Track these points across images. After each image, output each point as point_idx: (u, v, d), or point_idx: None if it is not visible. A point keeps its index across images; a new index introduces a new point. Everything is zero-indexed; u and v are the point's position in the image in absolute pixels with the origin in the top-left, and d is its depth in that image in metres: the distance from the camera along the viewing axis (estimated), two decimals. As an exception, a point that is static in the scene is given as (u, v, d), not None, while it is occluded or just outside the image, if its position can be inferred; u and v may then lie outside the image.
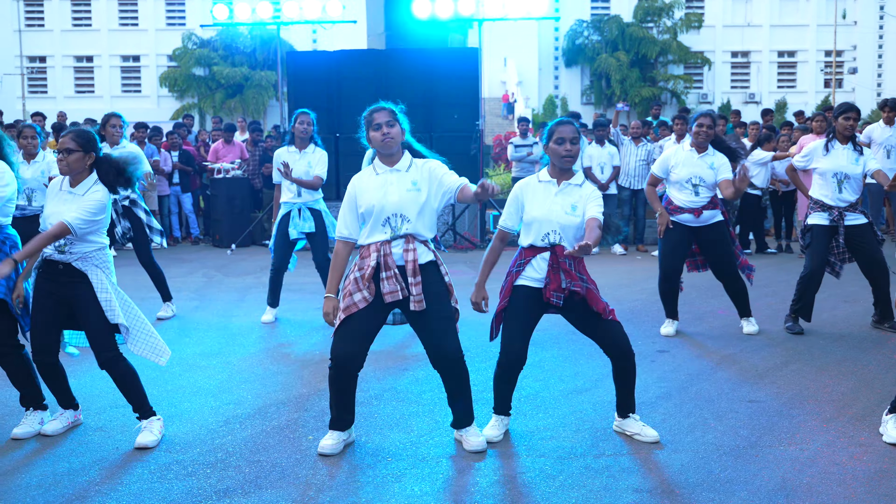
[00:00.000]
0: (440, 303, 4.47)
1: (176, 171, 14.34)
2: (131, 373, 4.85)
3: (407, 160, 4.57)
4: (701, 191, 7.00)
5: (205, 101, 33.35)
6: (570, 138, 4.59)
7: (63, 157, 4.72)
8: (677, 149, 7.19)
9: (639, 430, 4.77)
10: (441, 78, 13.73)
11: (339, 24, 22.33)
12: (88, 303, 4.73)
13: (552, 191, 4.65)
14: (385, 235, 4.45)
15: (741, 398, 5.49)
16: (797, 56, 36.41)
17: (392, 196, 4.45)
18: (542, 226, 4.61)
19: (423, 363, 6.33)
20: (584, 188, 4.67)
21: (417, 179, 4.51)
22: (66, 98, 34.51)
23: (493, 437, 4.74)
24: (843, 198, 7.11)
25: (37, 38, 35.59)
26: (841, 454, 4.53)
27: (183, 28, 34.87)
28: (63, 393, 4.98)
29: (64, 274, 4.74)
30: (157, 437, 4.74)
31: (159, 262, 8.13)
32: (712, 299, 8.72)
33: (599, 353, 6.66)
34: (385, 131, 4.46)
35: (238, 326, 7.79)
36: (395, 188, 4.47)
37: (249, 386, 5.87)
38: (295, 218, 7.72)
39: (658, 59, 34.19)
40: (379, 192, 4.46)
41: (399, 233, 4.44)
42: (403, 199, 4.45)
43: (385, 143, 4.47)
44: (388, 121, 4.48)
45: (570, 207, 4.60)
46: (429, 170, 4.56)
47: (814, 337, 7.17)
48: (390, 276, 4.40)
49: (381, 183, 4.49)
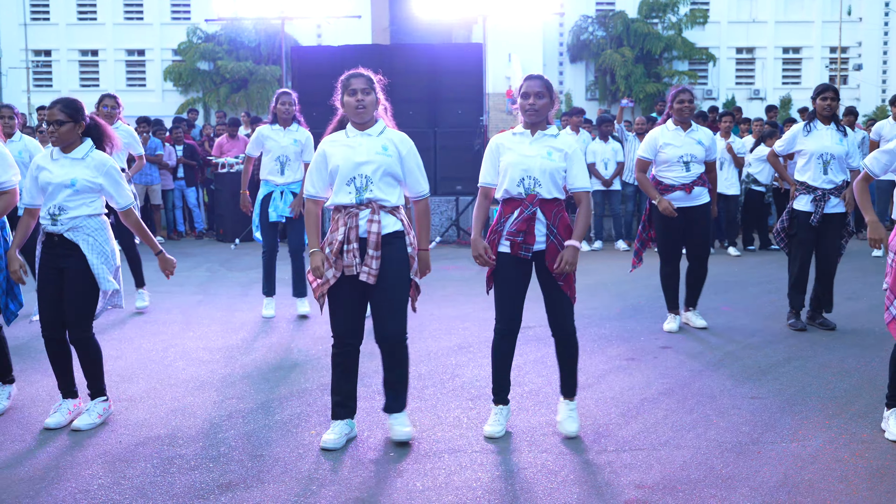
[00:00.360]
0: (395, 280, 4.49)
1: (180, 165, 14.36)
2: (99, 353, 4.99)
3: (379, 126, 4.59)
4: (692, 167, 7.07)
5: (209, 96, 33.34)
6: (535, 93, 4.60)
7: (54, 128, 4.78)
8: (661, 129, 7.20)
9: (563, 418, 4.77)
10: (445, 73, 13.71)
11: (344, 19, 22.40)
12: (77, 276, 4.81)
13: (527, 140, 4.66)
14: (350, 197, 4.46)
15: (743, 395, 5.49)
16: (802, 52, 36.32)
17: (359, 156, 4.47)
18: (517, 170, 4.60)
19: (425, 359, 6.35)
20: (560, 138, 4.69)
21: (388, 146, 4.53)
22: (71, 92, 34.47)
23: (494, 432, 4.71)
24: (829, 179, 7.09)
25: (42, 32, 35.61)
26: (843, 451, 4.53)
27: (188, 22, 34.86)
28: (64, 376, 5.01)
29: (59, 245, 4.83)
30: (95, 420, 4.90)
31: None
32: (714, 296, 8.71)
33: (602, 349, 6.68)
34: (360, 98, 4.48)
35: (241, 321, 7.80)
36: (363, 149, 4.49)
37: (252, 380, 5.88)
38: (276, 199, 7.73)
39: (663, 55, 34.10)
40: (346, 152, 4.49)
41: (363, 195, 4.45)
42: (371, 160, 4.46)
43: (357, 112, 4.49)
44: (364, 88, 4.49)
45: (547, 153, 4.62)
46: (405, 147, 4.58)
47: (816, 334, 7.16)
48: (349, 250, 4.44)
49: (352, 143, 4.52)
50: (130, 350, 6.72)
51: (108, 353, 6.38)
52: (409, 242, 4.59)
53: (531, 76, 4.69)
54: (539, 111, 4.61)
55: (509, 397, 4.93)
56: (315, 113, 13.60)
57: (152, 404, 5.35)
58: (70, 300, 4.83)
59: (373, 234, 4.44)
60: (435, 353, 6.52)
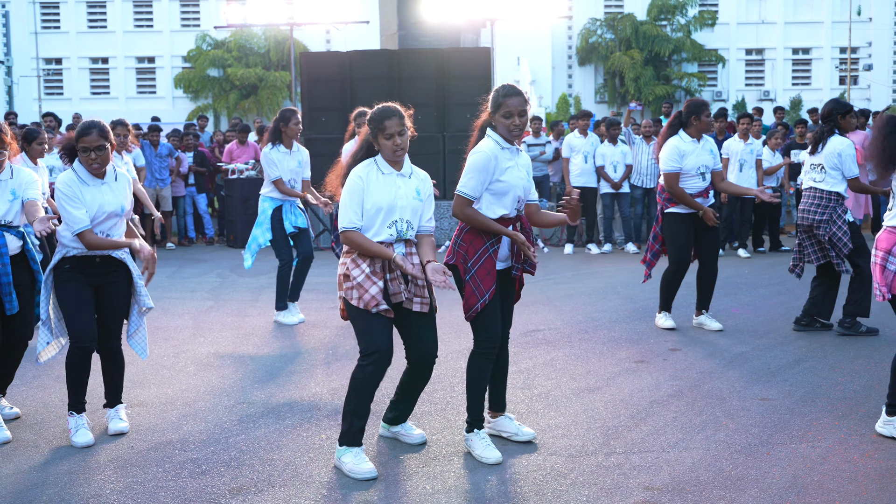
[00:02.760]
0: (432, 306, 4.54)
1: (191, 172, 14.44)
2: (123, 363, 5.12)
3: (408, 166, 4.52)
4: (707, 176, 7.21)
5: (219, 102, 33.50)
6: (520, 111, 4.50)
7: (97, 155, 4.72)
8: (678, 140, 7.20)
9: (514, 429, 4.76)
10: (454, 77, 13.75)
11: (353, 25, 22.48)
12: (121, 290, 4.95)
13: (515, 158, 4.59)
14: (389, 237, 4.38)
15: (753, 396, 5.50)
16: (812, 53, 36.23)
17: (402, 201, 4.40)
18: (515, 192, 4.55)
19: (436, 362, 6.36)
20: (524, 153, 4.70)
21: (421, 189, 4.51)
22: (82, 100, 34.73)
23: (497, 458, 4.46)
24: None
25: (53, 41, 35.84)
26: (853, 452, 4.53)
27: (197, 29, 35.04)
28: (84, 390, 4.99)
29: (100, 266, 4.88)
30: (128, 422, 5.02)
31: (175, 262, 8.19)
32: (725, 298, 8.71)
33: (612, 351, 6.69)
34: (398, 142, 4.34)
35: (252, 326, 7.84)
36: (402, 192, 4.42)
37: (263, 385, 5.91)
38: (287, 213, 7.81)
39: (672, 57, 34.10)
40: (389, 194, 4.38)
41: (403, 237, 4.43)
42: (409, 205, 4.43)
43: (396, 156, 4.38)
44: (401, 130, 4.36)
45: (526, 172, 4.63)
46: (427, 187, 4.57)
47: (826, 335, 7.15)
48: (394, 278, 4.37)
49: (390, 184, 4.40)
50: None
51: (119, 358, 6.43)
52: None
53: (512, 92, 4.51)
54: (522, 129, 4.56)
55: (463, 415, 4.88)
56: (324, 118, 13.70)
57: (164, 409, 5.38)
58: (111, 313, 4.96)
59: (417, 266, 4.37)
60: (444, 357, 6.53)
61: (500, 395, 4.82)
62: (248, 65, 33.28)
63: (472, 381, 4.59)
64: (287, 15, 22.18)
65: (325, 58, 15.53)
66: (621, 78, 33.96)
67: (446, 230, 13.40)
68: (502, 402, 4.83)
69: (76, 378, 4.90)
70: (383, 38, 16.59)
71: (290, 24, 22.29)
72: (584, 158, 12.66)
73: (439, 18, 16.01)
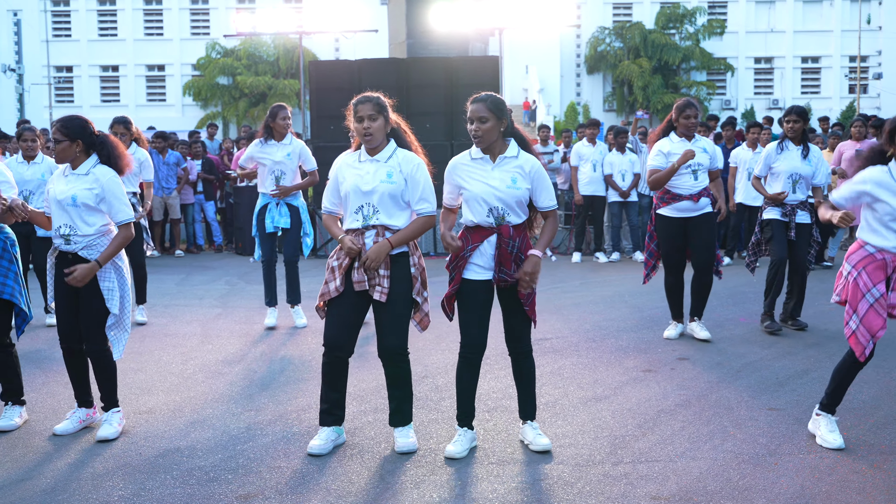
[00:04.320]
0: (397, 297, 4.57)
1: (200, 179, 14.49)
2: (112, 366, 5.07)
3: (389, 150, 4.63)
4: (700, 175, 7.20)
5: (228, 110, 33.64)
6: (478, 118, 4.56)
7: (53, 146, 4.96)
8: (664, 140, 7.29)
9: (532, 437, 4.74)
10: (462, 86, 13.75)
11: (361, 33, 22.55)
12: (89, 291, 4.91)
13: (488, 167, 4.61)
14: (357, 223, 4.57)
15: (761, 406, 5.48)
16: (821, 62, 36.20)
17: (366, 185, 4.55)
18: (483, 201, 4.56)
19: (443, 371, 6.37)
20: (521, 158, 4.62)
21: (393, 171, 4.57)
22: (92, 107, 34.90)
23: (453, 452, 4.58)
24: (796, 196, 7.51)
25: (64, 48, 36.05)
26: (861, 462, 4.51)
27: (207, 38, 35.21)
28: (81, 385, 5.14)
29: (73, 262, 4.91)
30: (117, 429, 4.99)
31: (183, 269, 8.23)
32: (733, 307, 8.69)
33: (619, 360, 6.69)
34: (367, 125, 4.54)
35: (259, 333, 7.86)
36: (371, 177, 4.56)
37: (271, 393, 5.92)
38: (272, 211, 7.83)
39: (681, 66, 34.12)
40: (356, 179, 4.57)
41: (370, 222, 4.55)
42: (377, 189, 4.54)
43: (365, 139, 4.57)
44: (371, 114, 4.55)
45: (511, 180, 4.56)
46: (409, 167, 4.60)
47: (834, 345, 7.13)
48: (359, 267, 4.54)
49: (360, 170, 4.60)
50: (150, 363, 6.78)
51: (127, 365, 6.46)
52: (413, 263, 4.65)
53: (475, 98, 4.62)
54: (484, 136, 4.56)
55: (474, 423, 4.87)
56: (333, 126, 13.71)
57: (172, 416, 5.40)
58: (84, 315, 4.95)
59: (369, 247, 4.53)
60: (451, 365, 6.53)
61: (521, 404, 4.83)
62: (257, 73, 33.42)
63: (456, 380, 4.75)
64: (296, 24, 22.30)
65: (334, 66, 15.58)
66: (630, 86, 33.99)
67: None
68: (524, 410, 4.83)
69: (69, 376, 5.12)
70: (392, 47, 16.65)
71: (300, 32, 22.38)
72: (593, 167, 12.66)
73: (448, 27, 16.06)
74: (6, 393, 5.23)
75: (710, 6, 35.47)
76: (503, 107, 4.63)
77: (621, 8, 36.23)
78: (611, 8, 36.09)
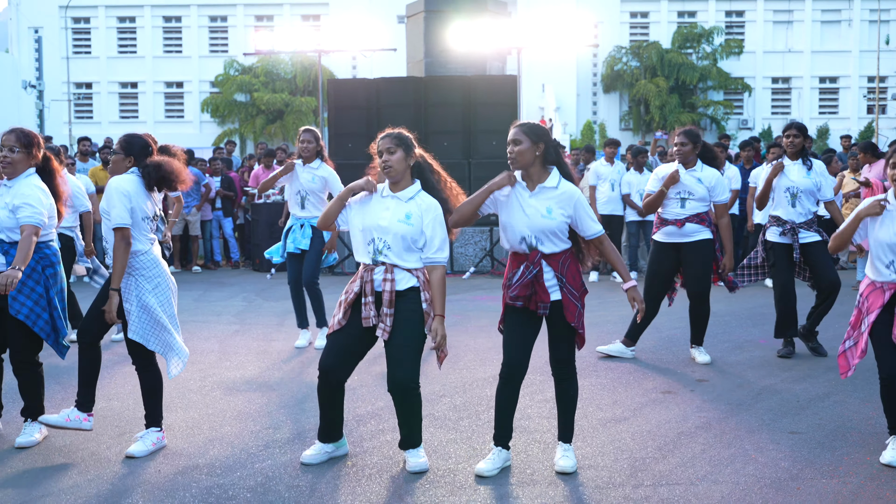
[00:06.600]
0: (406, 330, 4.56)
1: (218, 196, 14.55)
2: (159, 383, 5.18)
3: (412, 191, 4.64)
4: (688, 204, 7.16)
5: (245, 127, 33.82)
6: (512, 140, 4.58)
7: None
8: (664, 167, 7.40)
9: (558, 457, 4.74)
10: (480, 104, 13.80)
11: (380, 52, 22.65)
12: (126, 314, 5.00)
13: (526, 194, 4.61)
14: (367, 258, 4.61)
15: (782, 429, 5.43)
16: (839, 82, 36.10)
17: (382, 221, 4.57)
18: (516, 230, 4.59)
19: (461, 390, 6.35)
20: (561, 188, 4.59)
21: (412, 213, 4.58)
22: (111, 123, 35.17)
23: (484, 470, 4.60)
24: (797, 212, 7.37)
25: (83, 65, 36.39)
26: (885, 488, 4.46)
27: (225, 55, 35.46)
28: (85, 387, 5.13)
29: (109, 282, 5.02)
30: (149, 448, 5.01)
31: (201, 285, 8.24)
32: (753, 328, 8.64)
33: (638, 381, 6.65)
34: (385, 158, 4.58)
35: (278, 350, 7.86)
36: (388, 214, 4.58)
37: (289, 410, 5.92)
38: (296, 231, 7.84)
39: (698, 86, 34.10)
40: (373, 214, 4.61)
41: (379, 259, 4.57)
42: (392, 227, 4.55)
43: (385, 172, 4.61)
44: (389, 147, 4.58)
45: (546, 209, 4.56)
46: (429, 216, 4.60)
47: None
48: (367, 303, 4.59)
49: (380, 205, 4.63)
50: (167, 379, 6.77)
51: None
52: (425, 298, 4.61)
53: (514, 123, 4.67)
54: (517, 158, 4.57)
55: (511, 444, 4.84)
56: (350, 144, 13.76)
57: (191, 434, 5.40)
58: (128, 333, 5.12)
59: (386, 292, 4.55)
60: (470, 385, 6.52)
61: (560, 426, 4.81)
62: (274, 90, 33.60)
63: (495, 399, 4.73)
64: (315, 42, 22.40)
65: (352, 84, 15.65)
66: (646, 105, 33.98)
67: (470, 256, 13.43)
68: (561, 431, 4.81)
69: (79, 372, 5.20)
70: (410, 66, 16.71)
71: (318, 51, 22.49)
72: (611, 186, 12.65)
73: (466, 46, 16.10)
74: (27, 410, 5.23)
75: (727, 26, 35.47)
76: (540, 132, 4.60)
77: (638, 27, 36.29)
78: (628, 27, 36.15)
